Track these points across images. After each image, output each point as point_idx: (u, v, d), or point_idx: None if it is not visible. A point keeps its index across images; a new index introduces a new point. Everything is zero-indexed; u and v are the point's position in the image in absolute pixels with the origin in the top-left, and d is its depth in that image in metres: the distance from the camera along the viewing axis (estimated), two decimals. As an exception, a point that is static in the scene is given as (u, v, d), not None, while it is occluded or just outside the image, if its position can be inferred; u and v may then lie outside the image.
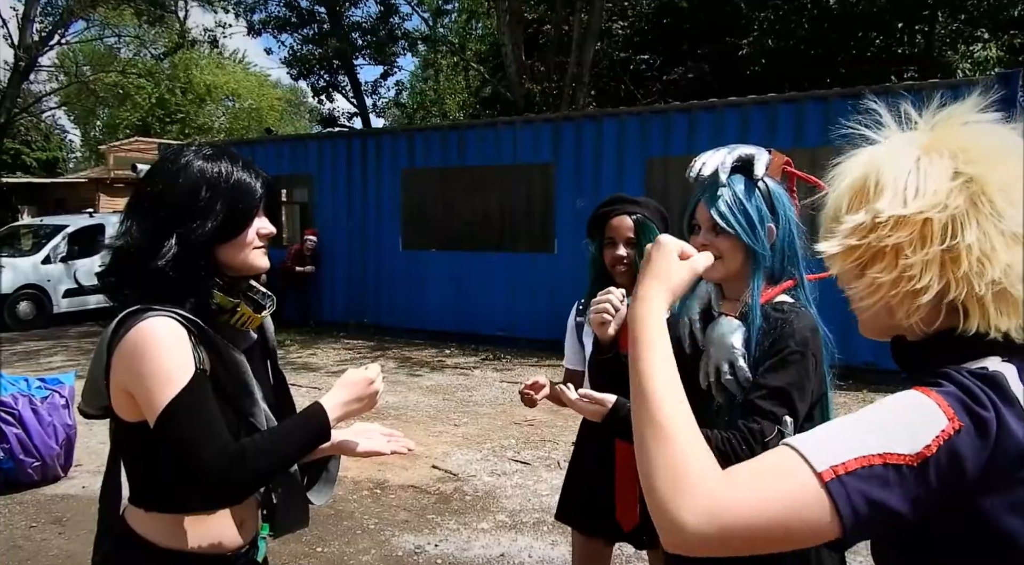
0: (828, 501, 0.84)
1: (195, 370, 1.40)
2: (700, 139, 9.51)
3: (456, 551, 4.27)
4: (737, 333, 1.71)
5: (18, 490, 5.13)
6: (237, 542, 1.56)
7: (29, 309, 13.26)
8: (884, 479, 0.84)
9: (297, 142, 13.89)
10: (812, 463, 0.85)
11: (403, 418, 7.17)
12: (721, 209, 1.70)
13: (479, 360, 10.20)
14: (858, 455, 0.85)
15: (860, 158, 1.03)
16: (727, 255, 1.72)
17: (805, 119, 8.97)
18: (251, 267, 1.56)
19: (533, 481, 5.37)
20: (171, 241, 1.45)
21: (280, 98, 41.35)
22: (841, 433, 0.89)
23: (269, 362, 1.71)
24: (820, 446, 0.87)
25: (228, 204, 1.49)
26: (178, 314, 1.44)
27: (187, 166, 1.50)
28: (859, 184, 1.00)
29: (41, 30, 21.02)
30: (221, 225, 1.48)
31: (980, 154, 0.95)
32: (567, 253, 10.39)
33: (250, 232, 1.53)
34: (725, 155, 1.71)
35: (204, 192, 1.48)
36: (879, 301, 0.98)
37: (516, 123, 11.38)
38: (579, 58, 16.24)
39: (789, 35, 16.43)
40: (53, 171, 32.79)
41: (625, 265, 2.51)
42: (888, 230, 0.95)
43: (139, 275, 1.46)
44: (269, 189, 1.58)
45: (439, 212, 12.08)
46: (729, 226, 1.70)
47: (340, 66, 23.95)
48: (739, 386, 1.69)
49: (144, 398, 1.38)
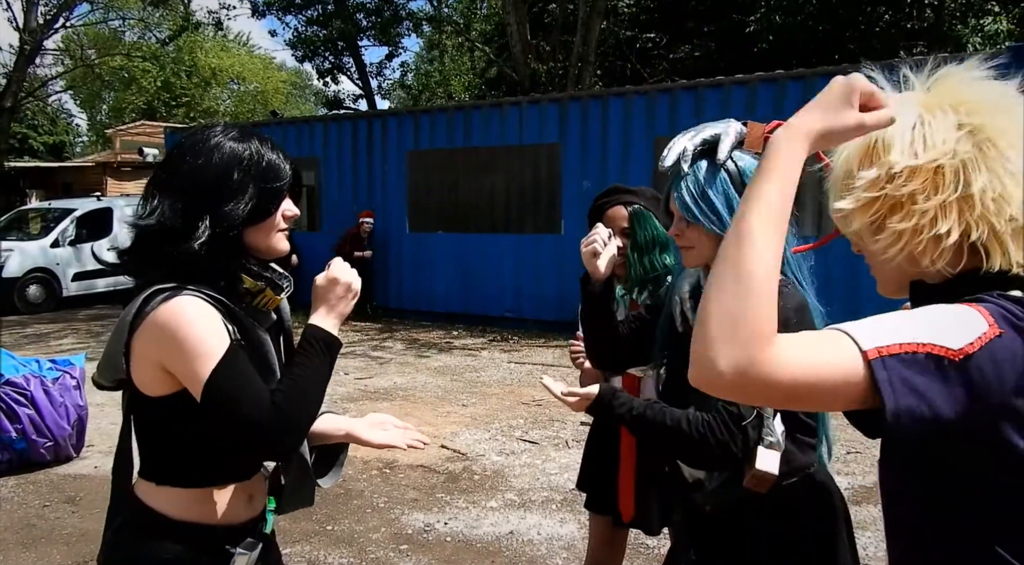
0: (865, 378, 0.87)
1: (230, 341, 1.42)
2: (707, 117, 9.36)
3: (465, 529, 4.30)
4: (693, 277, 1.74)
5: (31, 470, 5.19)
6: (246, 515, 1.57)
7: (38, 292, 13.35)
8: (926, 367, 0.87)
9: (303, 125, 13.87)
10: (858, 341, 0.88)
11: (411, 399, 7.21)
12: (684, 199, 1.67)
13: (487, 341, 10.22)
14: (903, 341, 0.88)
15: None
16: (698, 244, 1.70)
17: (814, 95, 8.86)
18: (275, 250, 1.56)
19: (541, 460, 5.40)
20: (205, 223, 1.45)
21: (285, 81, 41.25)
22: (887, 323, 0.92)
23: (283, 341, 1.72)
24: (866, 331, 0.90)
25: (260, 186, 1.49)
26: (207, 294, 1.45)
27: (219, 146, 1.49)
28: (865, 144, 1.04)
29: (46, 13, 20.97)
30: (253, 207, 1.48)
31: (980, 106, 1.01)
32: (574, 234, 10.37)
33: (277, 215, 1.54)
34: (687, 140, 1.63)
35: (236, 173, 1.47)
36: (902, 250, 1.02)
37: (522, 103, 11.33)
38: (584, 37, 16.12)
39: (797, 11, 16.24)
40: (60, 155, 32.87)
41: (619, 255, 2.50)
42: (903, 180, 1.00)
43: (170, 256, 1.45)
44: (295, 171, 1.58)
45: (445, 194, 12.07)
46: (693, 217, 1.66)
47: (345, 48, 23.85)
48: None
49: (186, 372, 1.40)
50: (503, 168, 11.38)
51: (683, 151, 1.61)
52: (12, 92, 20.72)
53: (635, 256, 2.46)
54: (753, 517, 1.69)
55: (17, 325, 11.72)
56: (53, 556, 4.03)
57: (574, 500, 4.59)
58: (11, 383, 5.10)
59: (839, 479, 4.88)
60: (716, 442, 1.60)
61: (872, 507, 4.48)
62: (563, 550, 4.02)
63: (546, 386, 1.88)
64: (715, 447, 1.60)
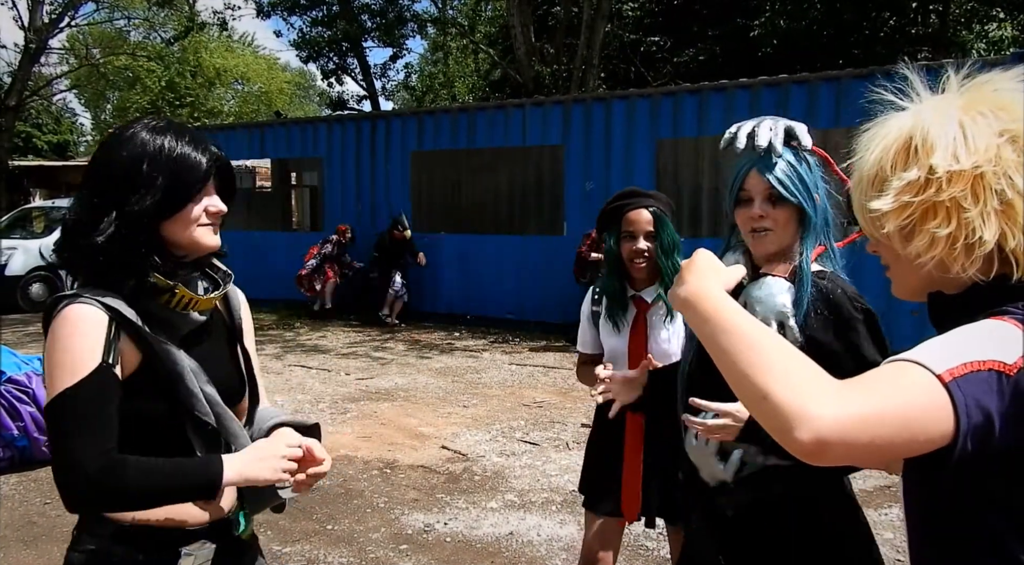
0: (949, 403, 0.85)
1: (99, 364, 1.37)
2: (710, 121, 9.47)
3: (465, 529, 4.30)
4: (787, 293, 1.69)
5: (32, 467, 5.19)
6: (203, 517, 1.54)
7: (41, 291, 13.37)
8: (989, 384, 0.86)
9: (307, 125, 13.88)
10: (930, 367, 0.86)
11: (412, 399, 7.21)
12: (783, 179, 1.69)
13: (488, 342, 10.23)
14: (966, 360, 0.87)
15: (898, 120, 1.04)
16: (782, 225, 1.71)
17: (817, 100, 8.91)
18: (199, 246, 1.52)
19: (542, 462, 5.40)
20: (111, 216, 1.42)
21: (289, 81, 41.27)
22: (943, 344, 0.91)
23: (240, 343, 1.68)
24: (929, 356, 0.88)
25: (170, 178, 1.45)
26: (102, 302, 1.41)
27: (131, 139, 1.47)
28: (904, 143, 1.01)
29: (51, 12, 21.02)
30: (162, 200, 1.44)
31: (1021, 113, 0.99)
32: (576, 236, 10.37)
33: (196, 209, 1.49)
34: (774, 125, 1.69)
35: (145, 165, 1.44)
36: (935, 256, 1.00)
37: (526, 105, 11.34)
38: (589, 40, 16.12)
39: (801, 16, 16.24)
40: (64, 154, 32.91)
41: (645, 258, 2.53)
42: (943, 185, 0.97)
43: (79, 249, 1.44)
44: (220, 167, 1.54)
45: (448, 195, 12.08)
46: (791, 195, 1.68)
47: (349, 49, 23.86)
48: None
49: (48, 384, 1.37)
50: (506, 169, 11.39)
51: (775, 134, 1.67)
52: (17, 91, 20.77)
53: (662, 258, 2.50)
54: (780, 514, 1.69)
55: (20, 323, 11.75)
56: (54, 554, 4.03)
57: (574, 501, 4.59)
58: (13, 380, 5.11)
59: (840, 483, 4.89)
60: None
61: (872, 511, 4.47)
62: (563, 551, 4.02)
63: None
64: None
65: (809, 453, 0.85)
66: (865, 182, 1.06)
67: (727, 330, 0.97)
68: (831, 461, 0.85)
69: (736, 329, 0.96)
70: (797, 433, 0.84)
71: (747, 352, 0.92)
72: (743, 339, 0.94)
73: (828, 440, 0.83)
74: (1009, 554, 0.93)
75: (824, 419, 0.83)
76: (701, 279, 1.10)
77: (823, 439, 0.83)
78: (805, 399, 0.85)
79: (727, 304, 1.02)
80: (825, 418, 0.83)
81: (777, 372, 0.88)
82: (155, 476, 1.39)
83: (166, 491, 1.40)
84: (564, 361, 8.84)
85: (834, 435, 0.83)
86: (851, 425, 0.83)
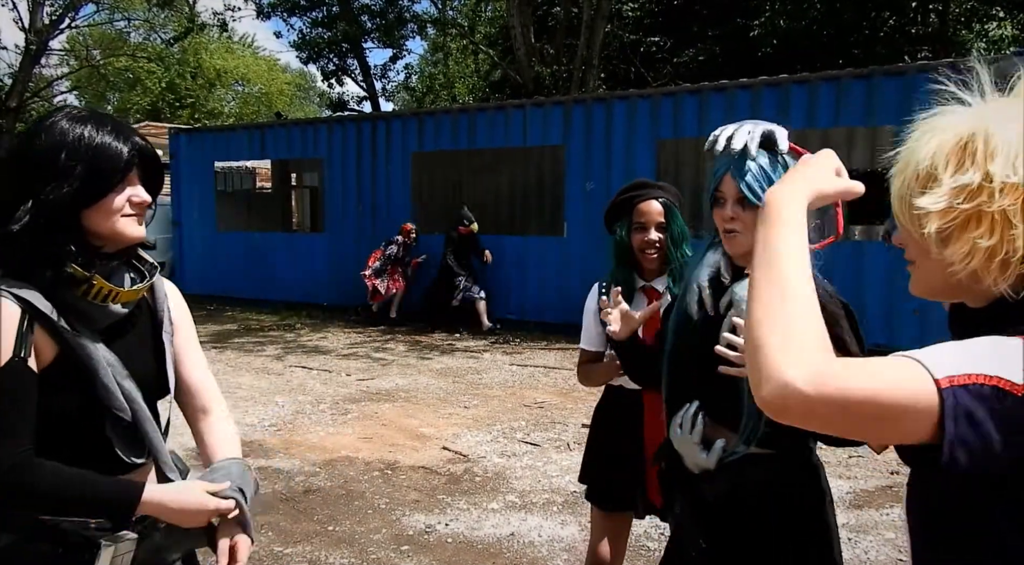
0: (936, 405, 0.85)
1: (10, 358, 1.37)
2: (711, 121, 9.45)
3: (466, 530, 4.30)
4: None
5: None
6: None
7: None
8: (991, 401, 0.85)
9: (307, 126, 13.88)
10: (930, 369, 0.86)
11: (413, 400, 7.21)
12: (749, 182, 1.73)
13: (489, 343, 10.22)
14: (972, 372, 0.86)
15: (958, 116, 1.00)
16: (751, 227, 1.73)
17: (817, 100, 8.90)
18: (121, 236, 1.51)
19: (543, 462, 5.40)
20: (27, 205, 1.41)
21: (289, 82, 41.29)
22: (954, 351, 0.90)
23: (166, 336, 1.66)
24: (936, 359, 0.88)
25: (88, 167, 1.44)
26: (15, 295, 1.41)
27: (51, 128, 1.46)
28: (964, 143, 0.96)
29: (51, 13, 21.03)
30: (80, 189, 1.43)
31: None
32: (577, 236, 10.38)
33: (118, 199, 1.48)
34: (751, 129, 1.73)
35: (63, 154, 1.43)
36: (970, 265, 0.96)
37: (526, 106, 11.34)
38: (589, 40, 16.12)
39: (801, 15, 16.24)
40: (65, 156, 32.82)
41: (656, 249, 2.55)
42: (995, 195, 0.93)
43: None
44: (144, 157, 1.53)
45: (449, 195, 12.08)
46: (758, 199, 1.71)
47: (349, 49, 23.85)
48: None
49: None
50: (507, 170, 11.42)
51: (751, 137, 1.71)
52: (18, 92, 20.79)
53: (673, 249, 2.53)
54: (760, 501, 1.74)
55: None
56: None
57: (575, 502, 4.59)
58: None
59: (840, 483, 4.88)
60: None
61: (873, 511, 4.47)
62: (564, 552, 4.02)
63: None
64: None
65: (769, 407, 0.88)
66: (911, 175, 1.01)
67: (771, 264, 0.97)
68: (790, 420, 0.88)
69: (778, 270, 0.96)
70: (765, 389, 0.88)
71: (772, 299, 0.93)
72: (776, 284, 0.95)
73: (788, 401, 0.86)
74: (1013, 558, 0.93)
75: (794, 382, 0.85)
76: (793, 186, 1.07)
77: (785, 397, 0.86)
78: (789, 361, 0.87)
79: (789, 237, 0.99)
80: (796, 381, 0.85)
81: (782, 330, 0.90)
82: (70, 485, 1.39)
83: (78, 502, 1.41)
84: (565, 361, 8.84)
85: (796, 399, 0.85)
86: (817, 395, 0.85)
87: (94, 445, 1.49)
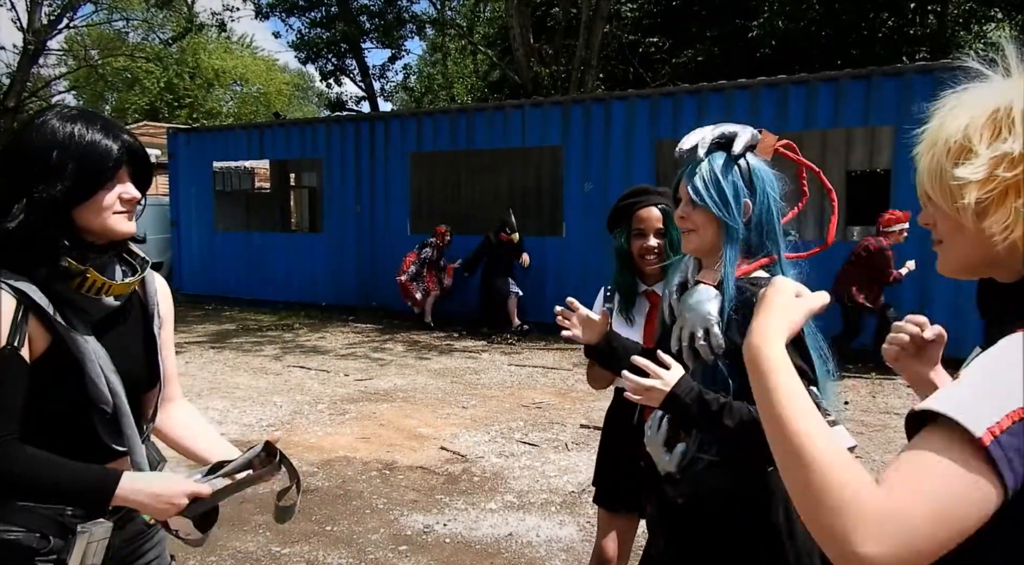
0: (989, 468, 0.82)
1: (2, 348, 1.41)
2: (710, 121, 9.38)
3: (464, 530, 4.30)
4: (714, 301, 1.76)
5: None
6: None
7: None
8: None
9: (306, 126, 13.89)
10: (970, 428, 0.83)
11: (411, 400, 7.21)
12: (696, 184, 1.77)
13: (487, 344, 10.22)
14: (1008, 411, 0.83)
15: (988, 90, 1.00)
16: (701, 228, 1.79)
17: (816, 101, 8.91)
18: (112, 231, 1.55)
19: (541, 462, 5.39)
20: (21, 203, 1.45)
21: (288, 83, 41.29)
22: (981, 389, 0.87)
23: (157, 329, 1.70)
24: (969, 408, 0.85)
25: (80, 165, 1.47)
26: (12, 286, 1.44)
27: (42, 127, 1.49)
28: (999, 114, 0.96)
29: (50, 13, 21.00)
30: (72, 187, 1.47)
31: None
32: (576, 237, 10.38)
33: (108, 196, 1.52)
34: (708, 132, 1.79)
35: (55, 152, 1.46)
36: (1009, 236, 0.95)
37: (524, 106, 11.34)
38: (587, 41, 16.12)
39: (800, 16, 16.25)
40: (63, 156, 32.78)
41: (656, 255, 2.57)
42: None
43: None
44: (133, 154, 1.56)
45: (448, 195, 12.09)
46: (701, 200, 1.76)
47: (348, 50, 23.86)
48: (711, 351, 1.74)
49: None
50: (505, 170, 11.42)
51: (702, 139, 1.76)
52: (16, 92, 20.74)
53: (672, 254, 2.54)
54: (722, 507, 1.75)
55: None
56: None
57: (573, 503, 4.59)
58: None
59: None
60: None
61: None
62: (562, 552, 4.02)
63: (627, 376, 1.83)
64: None
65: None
66: (941, 150, 1.00)
67: (775, 420, 0.96)
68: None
69: (783, 427, 0.94)
70: (858, 547, 0.83)
71: (794, 466, 0.91)
72: (790, 445, 0.92)
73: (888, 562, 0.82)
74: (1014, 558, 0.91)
75: (869, 558, 0.81)
76: (767, 329, 1.09)
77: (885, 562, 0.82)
78: (848, 534, 0.83)
79: (781, 385, 0.99)
80: (868, 556, 0.81)
81: (817, 496, 0.86)
82: (47, 471, 1.42)
83: (54, 488, 1.43)
84: (563, 362, 8.84)
85: (893, 552, 0.81)
86: (905, 537, 0.81)
87: (82, 435, 1.52)
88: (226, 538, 4.18)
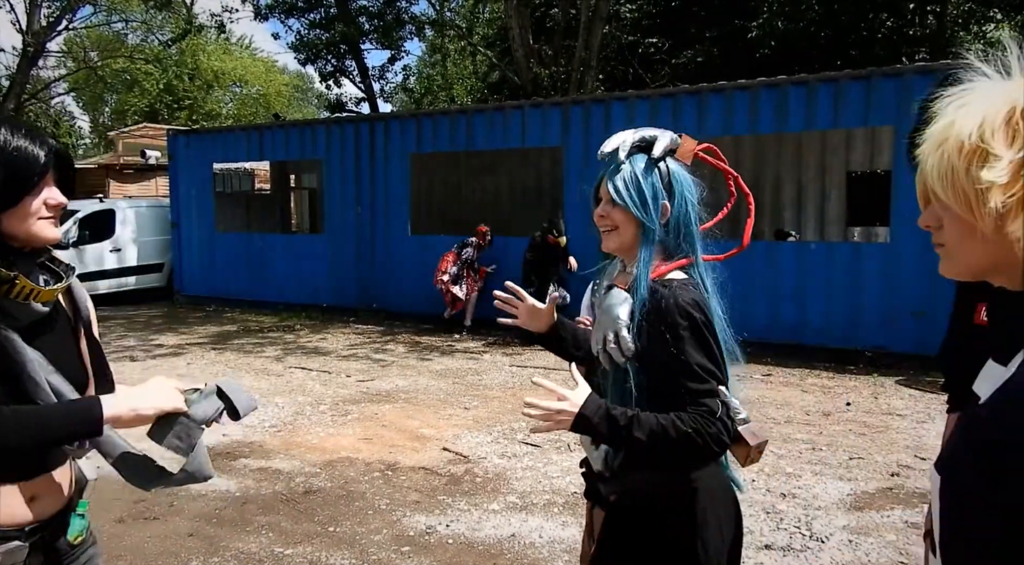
0: None
1: None
2: (709, 122, 9.48)
3: (467, 531, 4.30)
4: (624, 305, 1.78)
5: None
6: (24, 517, 1.54)
7: None
8: None
9: (305, 127, 13.89)
10: None
11: (413, 401, 7.21)
12: (616, 184, 1.82)
13: (488, 344, 10.23)
14: None
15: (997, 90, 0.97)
16: (621, 226, 1.83)
17: (816, 101, 8.91)
18: (37, 238, 1.55)
19: (543, 463, 5.40)
20: None
21: (287, 84, 41.31)
22: None
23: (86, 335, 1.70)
24: None
25: (5, 172, 1.47)
26: None
27: None
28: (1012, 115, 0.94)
29: (49, 15, 21.02)
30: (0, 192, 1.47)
31: None
32: (576, 237, 10.38)
33: (34, 202, 1.52)
34: (629, 135, 1.83)
35: None
36: None
37: (524, 107, 11.35)
38: (587, 42, 16.13)
39: (799, 17, 16.26)
40: (62, 157, 32.79)
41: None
42: None
43: None
44: (60, 160, 1.56)
45: (448, 196, 12.09)
46: (621, 200, 1.80)
47: (347, 51, 23.86)
48: (621, 354, 1.75)
49: None
50: (505, 171, 11.41)
51: (623, 142, 1.81)
52: (15, 94, 20.76)
53: None
54: (647, 503, 1.78)
55: None
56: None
57: (576, 503, 4.59)
58: None
59: (841, 485, 4.89)
60: (710, 436, 1.67)
61: (874, 513, 4.48)
62: (565, 553, 4.02)
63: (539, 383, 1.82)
64: (711, 441, 1.66)
65: None
66: (953, 150, 0.96)
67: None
68: None
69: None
70: None
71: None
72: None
73: None
74: None
75: None
76: None
77: None
78: None
79: None
80: None
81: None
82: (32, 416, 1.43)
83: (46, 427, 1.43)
84: (564, 363, 8.81)
85: None
86: None
87: None
88: (228, 538, 4.19)
